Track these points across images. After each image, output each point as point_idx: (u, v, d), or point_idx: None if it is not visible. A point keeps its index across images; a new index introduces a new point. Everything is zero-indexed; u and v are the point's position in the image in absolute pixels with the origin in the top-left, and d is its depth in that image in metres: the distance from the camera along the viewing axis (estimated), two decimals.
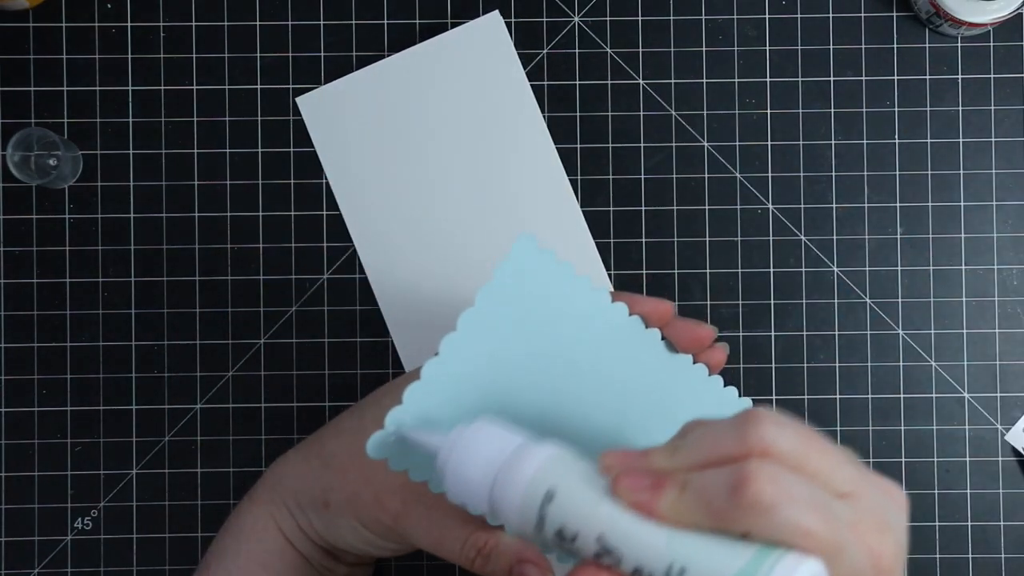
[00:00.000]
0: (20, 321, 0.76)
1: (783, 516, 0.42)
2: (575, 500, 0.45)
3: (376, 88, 0.76)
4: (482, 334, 0.54)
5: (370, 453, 0.52)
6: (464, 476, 0.48)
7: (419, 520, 0.59)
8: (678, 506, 0.44)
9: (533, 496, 0.46)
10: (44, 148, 0.75)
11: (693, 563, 0.43)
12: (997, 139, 0.77)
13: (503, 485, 0.47)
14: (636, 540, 0.44)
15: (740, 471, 0.43)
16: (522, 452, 0.47)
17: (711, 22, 0.77)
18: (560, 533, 0.45)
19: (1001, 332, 0.76)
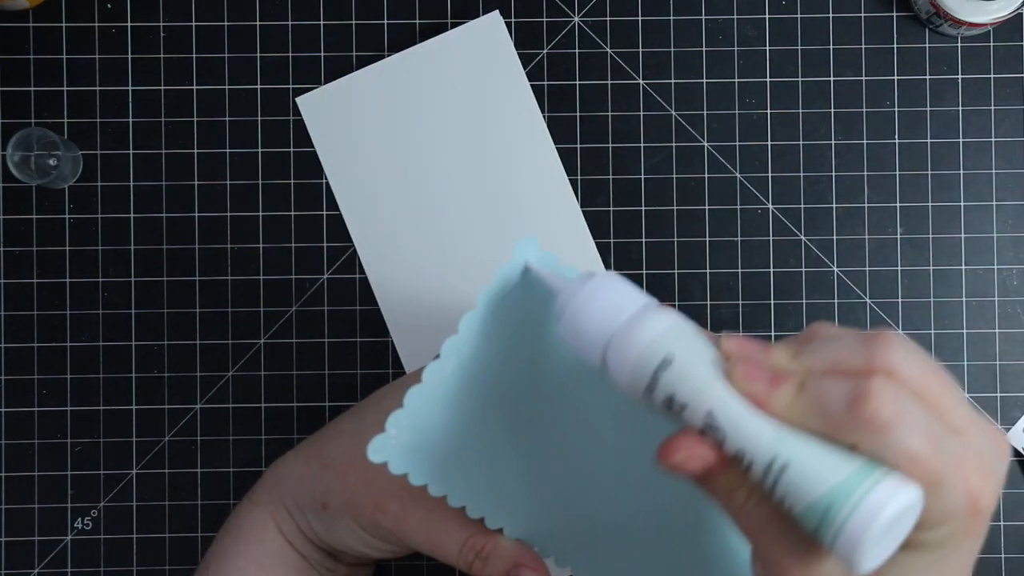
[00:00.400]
0: (20, 321, 0.76)
1: (895, 437, 0.43)
2: (691, 372, 0.45)
3: (376, 88, 0.76)
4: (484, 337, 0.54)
5: (370, 457, 0.52)
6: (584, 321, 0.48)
7: (418, 523, 0.59)
8: (792, 405, 0.44)
9: (650, 358, 0.46)
10: (44, 148, 0.75)
11: (796, 462, 0.44)
12: (997, 139, 0.77)
13: (622, 339, 0.47)
14: (744, 426, 0.44)
15: (863, 385, 0.43)
16: (646, 312, 0.47)
17: (711, 22, 0.77)
18: (670, 400, 0.46)
19: (1001, 332, 0.76)
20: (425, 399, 0.54)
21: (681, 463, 0.46)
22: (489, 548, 0.58)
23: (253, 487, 0.66)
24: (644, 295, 0.49)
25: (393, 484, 0.60)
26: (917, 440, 0.43)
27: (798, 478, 0.43)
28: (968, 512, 0.44)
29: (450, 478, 0.56)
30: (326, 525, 0.63)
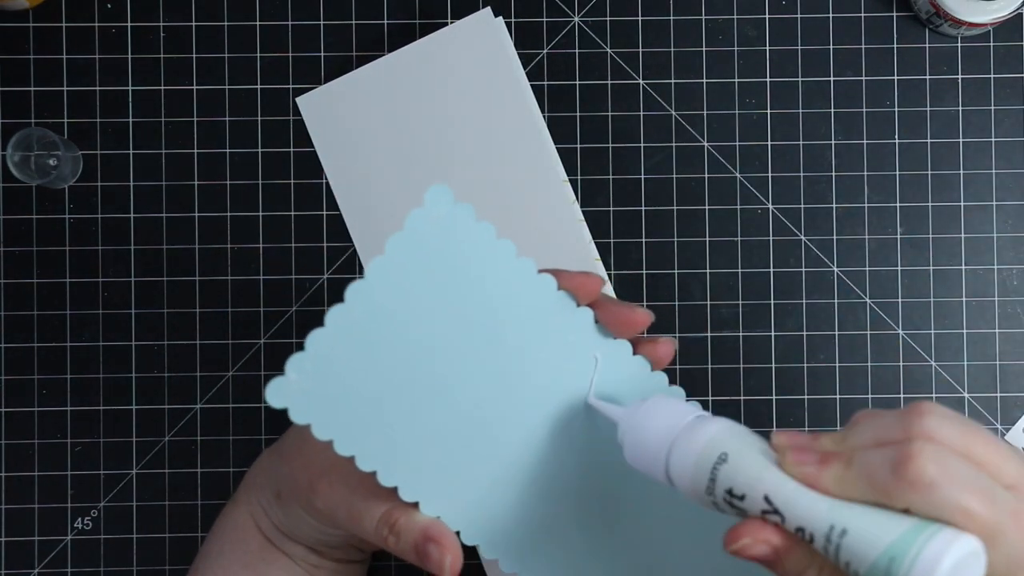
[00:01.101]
0: (20, 321, 0.76)
1: (943, 494, 0.45)
2: (746, 463, 0.49)
3: (375, 87, 0.76)
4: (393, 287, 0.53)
5: (269, 400, 0.51)
6: (643, 443, 0.52)
7: (341, 500, 0.58)
8: (842, 479, 0.47)
9: (707, 457, 0.50)
10: (44, 148, 0.75)
11: (854, 525, 0.46)
12: (997, 139, 0.77)
13: (682, 446, 0.51)
14: (800, 502, 0.48)
15: (904, 449, 0.46)
16: (700, 420, 0.52)
17: (711, 22, 0.77)
18: (730, 492, 0.49)
19: (1001, 332, 0.76)
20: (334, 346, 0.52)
21: (747, 547, 0.49)
22: (401, 522, 0.56)
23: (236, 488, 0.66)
24: (695, 407, 0.53)
25: (326, 465, 0.59)
26: (966, 494, 0.45)
27: (858, 541, 0.46)
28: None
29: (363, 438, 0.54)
30: (284, 515, 0.62)
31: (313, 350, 0.52)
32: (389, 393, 0.54)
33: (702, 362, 0.76)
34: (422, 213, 0.54)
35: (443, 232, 0.54)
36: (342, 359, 0.53)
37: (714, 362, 0.76)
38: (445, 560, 0.55)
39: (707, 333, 0.76)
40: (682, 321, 0.76)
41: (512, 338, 0.56)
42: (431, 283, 0.54)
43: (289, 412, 0.52)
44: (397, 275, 0.53)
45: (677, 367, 0.76)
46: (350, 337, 0.53)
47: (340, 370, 0.53)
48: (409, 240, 0.53)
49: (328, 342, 0.52)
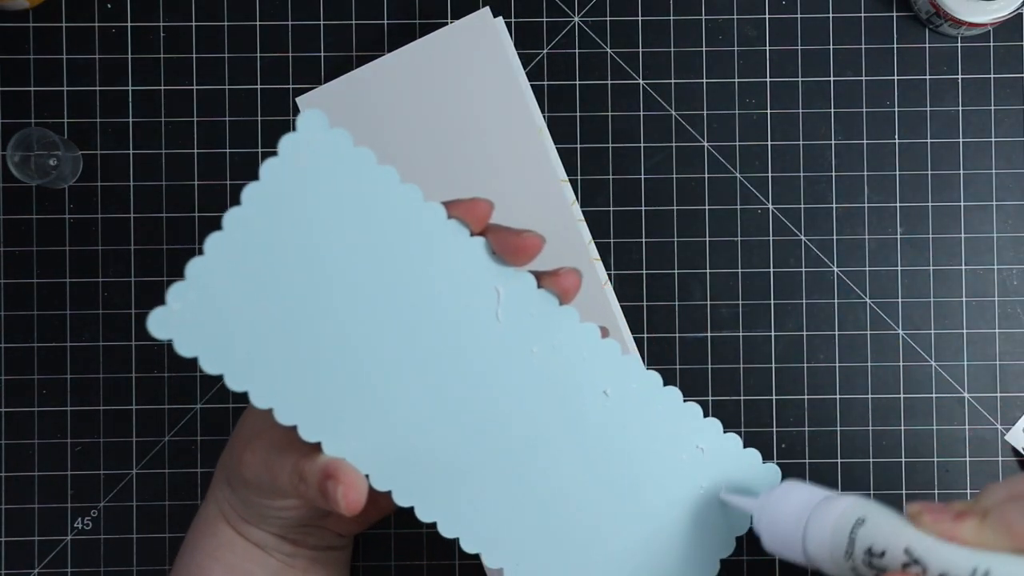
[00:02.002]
0: (20, 321, 0.76)
1: None
2: (884, 522, 0.52)
3: (375, 87, 0.76)
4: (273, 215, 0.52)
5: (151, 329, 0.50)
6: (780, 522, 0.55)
7: (262, 461, 0.57)
8: (979, 532, 0.49)
9: (845, 523, 0.53)
10: (44, 148, 0.75)
11: (996, 567, 0.48)
12: (997, 139, 0.77)
13: (819, 518, 0.54)
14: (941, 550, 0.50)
15: None
16: (831, 497, 0.54)
17: (711, 22, 0.77)
18: (869, 551, 0.51)
19: (1001, 332, 0.76)
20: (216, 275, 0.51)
21: None
22: (306, 467, 0.54)
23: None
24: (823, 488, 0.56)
25: (251, 433, 0.58)
26: None
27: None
28: None
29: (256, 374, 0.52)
30: (238, 501, 0.61)
31: (194, 278, 0.51)
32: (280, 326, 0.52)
33: (702, 362, 0.76)
34: (295, 137, 0.52)
35: (321, 158, 0.52)
36: (226, 289, 0.51)
37: (714, 362, 0.76)
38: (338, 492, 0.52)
39: (707, 333, 0.76)
40: (682, 321, 0.76)
41: (404, 268, 0.54)
42: (313, 212, 0.52)
43: (174, 344, 0.51)
44: (276, 203, 0.52)
45: (677, 367, 0.76)
46: (232, 266, 0.51)
47: (225, 300, 0.51)
48: (284, 166, 0.52)
49: (210, 270, 0.51)
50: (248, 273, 0.52)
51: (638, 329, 0.76)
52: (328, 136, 0.53)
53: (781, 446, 0.76)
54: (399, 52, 0.75)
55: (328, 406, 0.54)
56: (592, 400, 0.58)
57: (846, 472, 0.76)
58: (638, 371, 0.59)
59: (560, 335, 0.57)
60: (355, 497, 0.53)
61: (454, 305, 0.55)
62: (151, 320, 0.50)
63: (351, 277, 0.54)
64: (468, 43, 0.75)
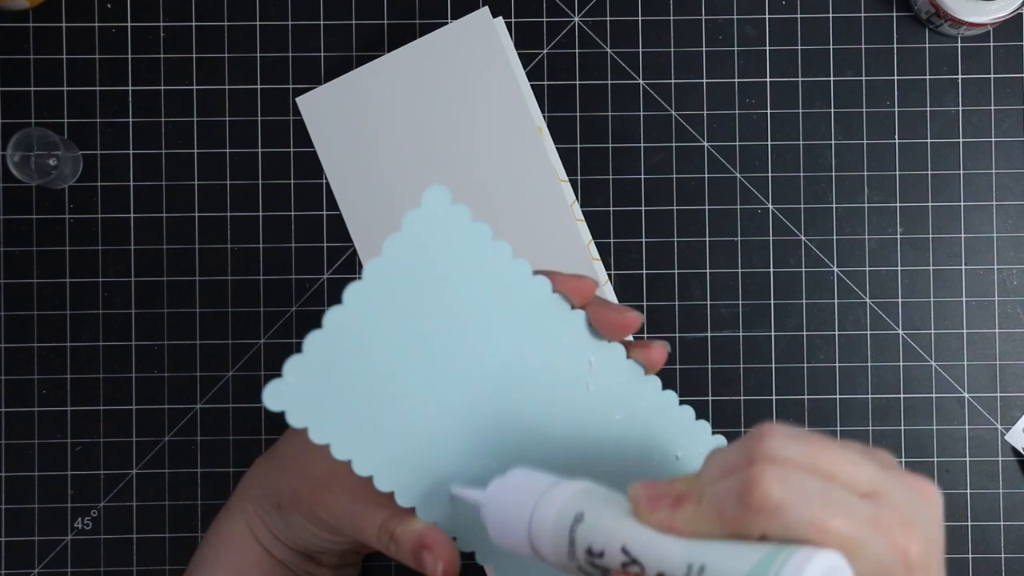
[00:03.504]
0: (20, 321, 0.76)
1: (794, 514, 0.43)
2: (601, 519, 0.48)
3: (375, 87, 0.76)
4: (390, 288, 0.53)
5: (266, 403, 0.51)
6: (504, 520, 0.51)
7: (344, 509, 0.59)
8: (695, 518, 0.46)
9: (563, 521, 0.49)
10: (44, 148, 0.75)
11: (710, 562, 0.45)
12: (997, 139, 0.77)
13: (538, 517, 0.50)
14: (656, 547, 0.46)
15: (746, 475, 0.44)
16: (553, 488, 0.50)
17: (711, 22, 0.77)
18: (589, 551, 0.48)
19: (1001, 332, 0.76)
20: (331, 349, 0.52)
21: None
22: (399, 531, 0.56)
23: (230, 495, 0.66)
24: (550, 475, 0.51)
25: (327, 474, 0.59)
26: (817, 510, 0.43)
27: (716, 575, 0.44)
28: (902, 568, 0.44)
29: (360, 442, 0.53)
30: (284, 524, 0.62)
31: (311, 352, 0.52)
32: (386, 396, 0.54)
33: (702, 362, 0.76)
34: (419, 214, 0.54)
35: (440, 233, 0.54)
36: (339, 362, 0.53)
37: (714, 362, 0.76)
38: (437, 567, 0.55)
39: (707, 333, 0.76)
40: (682, 321, 0.76)
41: (507, 340, 0.56)
42: (427, 284, 0.54)
43: (287, 415, 0.52)
44: (394, 276, 0.53)
45: (677, 367, 0.76)
46: (347, 339, 0.53)
47: (337, 373, 0.53)
48: (406, 241, 0.53)
49: (326, 344, 0.52)
50: (359, 345, 0.53)
51: (638, 329, 0.76)
52: (449, 212, 0.54)
53: None
54: (399, 52, 0.75)
55: (424, 474, 0.55)
56: (664, 464, 0.60)
57: None
58: (707, 436, 0.60)
59: (643, 403, 0.59)
60: (452, 570, 0.55)
61: (549, 376, 0.57)
62: (267, 392, 0.51)
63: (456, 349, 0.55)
64: (468, 43, 0.75)
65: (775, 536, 0.44)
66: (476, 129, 0.75)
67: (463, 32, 0.75)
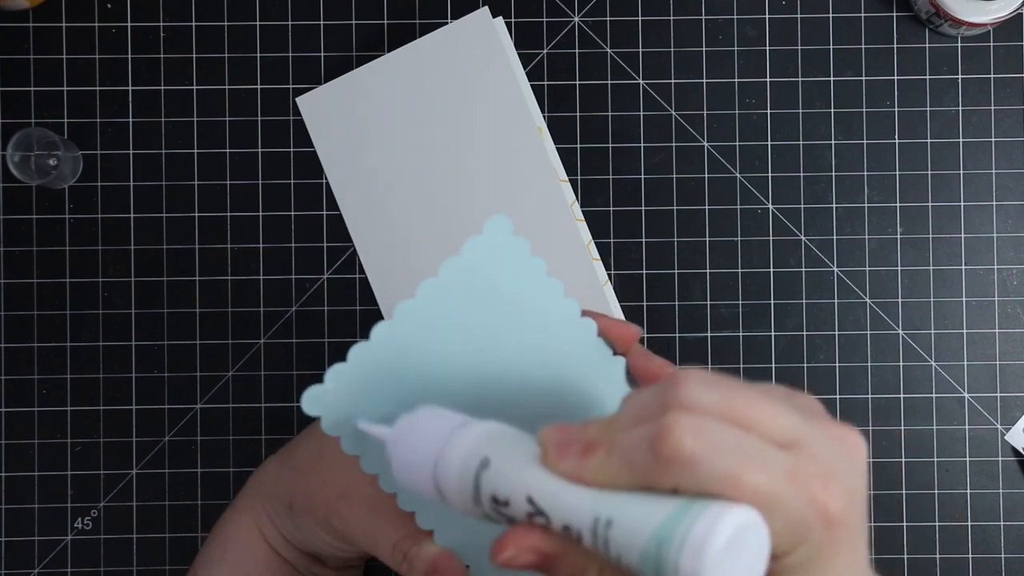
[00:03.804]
0: (20, 321, 0.76)
1: (707, 467, 0.41)
2: (508, 465, 0.45)
3: (375, 87, 0.76)
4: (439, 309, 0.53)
5: (304, 408, 0.51)
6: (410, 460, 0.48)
7: (359, 522, 0.59)
8: (604, 468, 0.43)
9: (469, 466, 0.46)
10: (44, 148, 0.75)
11: (618, 515, 0.42)
12: (997, 139, 0.77)
13: (444, 459, 0.47)
14: (563, 498, 0.44)
15: (658, 425, 0.42)
16: (461, 428, 0.48)
17: (711, 22, 0.77)
18: (494, 499, 0.45)
19: (1001, 332, 0.76)
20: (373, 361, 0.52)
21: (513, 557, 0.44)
22: (413, 552, 0.56)
23: (238, 494, 0.66)
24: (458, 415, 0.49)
25: (344, 484, 0.59)
26: (731, 463, 0.41)
27: (624, 530, 0.42)
28: (820, 523, 0.42)
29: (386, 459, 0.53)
30: (295, 526, 0.62)
31: (354, 363, 0.52)
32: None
33: (702, 362, 0.76)
34: (480, 241, 0.54)
35: (496, 263, 0.54)
36: (379, 375, 0.53)
37: (714, 362, 0.76)
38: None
39: (707, 333, 0.76)
40: (682, 321, 0.76)
41: (545, 377, 0.56)
42: (476, 311, 0.54)
43: (322, 422, 0.52)
44: (445, 298, 0.53)
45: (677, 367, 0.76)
46: (390, 354, 0.53)
47: (376, 386, 0.53)
48: (462, 266, 0.53)
49: (370, 357, 0.52)
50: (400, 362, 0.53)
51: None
52: (510, 243, 0.54)
53: None
54: (399, 52, 0.75)
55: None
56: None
57: None
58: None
59: None
60: None
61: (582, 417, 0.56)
62: (306, 397, 0.51)
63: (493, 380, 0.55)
64: (468, 43, 0.75)
65: (687, 490, 0.41)
66: (476, 129, 0.75)
67: (463, 32, 0.75)
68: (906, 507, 0.76)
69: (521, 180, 0.75)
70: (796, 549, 0.42)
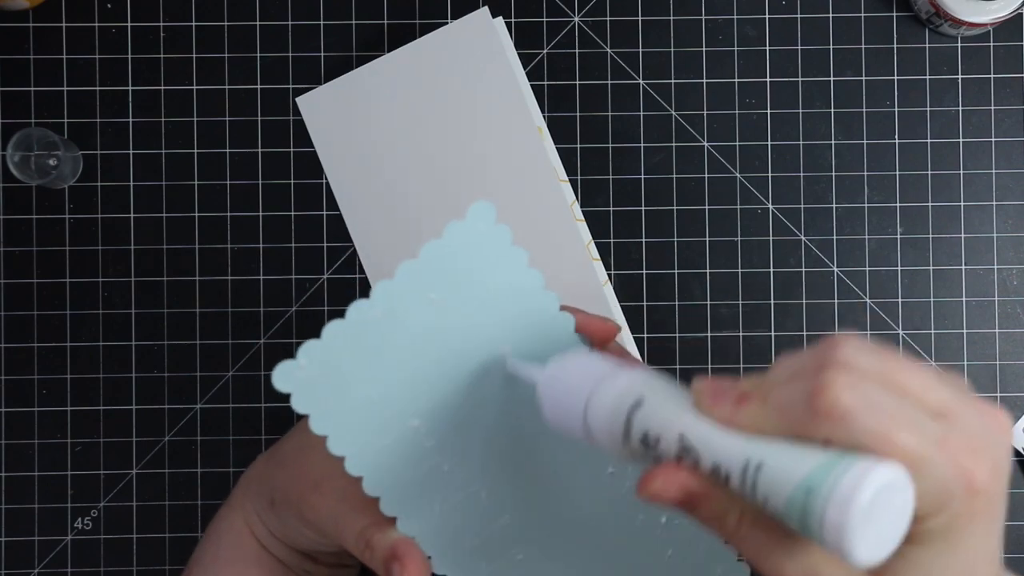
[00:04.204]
0: (20, 321, 0.76)
1: (861, 423, 0.42)
2: (661, 406, 0.47)
3: (375, 87, 0.76)
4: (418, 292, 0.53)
5: (275, 383, 0.51)
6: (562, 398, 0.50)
7: (328, 512, 0.58)
8: (758, 416, 0.45)
9: (622, 404, 0.48)
10: (44, 148, 0.75)
11: (769, 460, 0.44)
12: (997, 139, 0.77)
13: (599, 395, 0.49)
14: (715, 439, 0.45)
15: (817, 379, 0.43)
16: (616, 370, 0.50)
17: (711, 22, 0.77)
18: (645, 438, 0.47)
19: (1001, 332, 0.76)
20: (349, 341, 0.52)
21: (660, 490, 0.46)
22: (375, 539, 0.55)
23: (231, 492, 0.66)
24: (612, 360, 0.51)
25: (320, 474, 0.59)
26: (885, 422, 0.42)
27: (774, 474, 0.43)
28: (965, 492, 0.43)
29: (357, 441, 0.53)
30: (279, 522, 0.62)
31: (329, 341, 0.52)
32: (389, 399, 0.54)
33: (702, 362, 0.76)
34: (462, 226, 0.53)
35: (477, 249, 0.54)
36: (353, 355, 0.52)
37: (714, 362, 0.76)
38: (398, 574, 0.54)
39: (707, 333, 0.76)
40: (682, 321, 0.76)
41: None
42: (454, 296, 0.54)
43: (292, 398, 0.51)
44: (423, 281, 0.53)
45: (677, 367, 0.76)
46: (366, 335, 0.52)
47: (349, 366, 0.52)
48: (443, 250, 0.53)
49: (345, 336, 0.52)
50: (376, 344, 0.53)
51: (638, 329, 0.76)
52: (492, 230, 0.54)
53: None
54: (399, 52, 0.76)
55: (412, 486, 0.55)
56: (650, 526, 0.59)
57: None
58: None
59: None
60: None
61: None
62: (277, 372, 0.51)
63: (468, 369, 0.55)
64: (468, 43, 0.75)
65: (839, 443, 0.43)
66: (476, 129, 0.75)
67: (463, 32, 0.75)
68: None
69: (521, 180, 0.75)
70: (937, 514, 0.44)
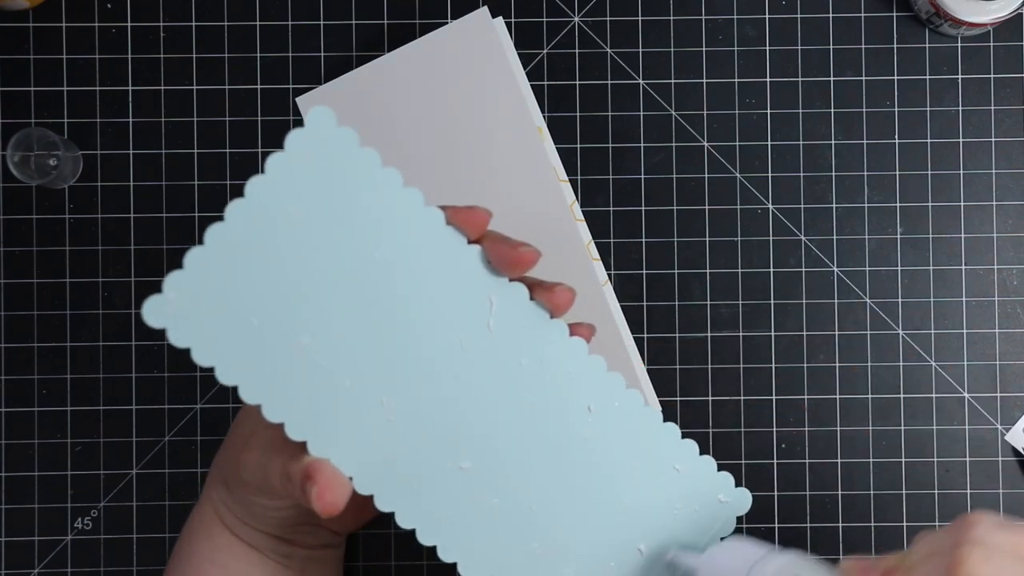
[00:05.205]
0: (20, 321, 0.76)
1: None
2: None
3: (375, 87, 0.76)
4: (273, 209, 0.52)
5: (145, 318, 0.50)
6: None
7: (256, 463, 0.57)
8: None
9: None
10: (44, 148, 0.75)
11: None
12: (997, 139, 0.77)
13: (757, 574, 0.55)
14: None
15: (955, 554, 0.49)
16: (771, 553, 0.55)
17: (711, 22, 0.77)
18: None
19: (1001, 332, 0.76)
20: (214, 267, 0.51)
21: None
22: (292, 467, 0.54)
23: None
24: (766, 545, 0.57)
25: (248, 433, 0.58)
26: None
27: None
28: None
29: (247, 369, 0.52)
30: (235, 503, 0.61)
31: (192, 269, 0.51)
32: (273, 322, 0.52)
33: (702, 362, 0.76)
34: (303, 134, 0.52)
35: (326, 156, 0.52)
36: (222, 281, 0.51)
37: (714, 362, 0.76)
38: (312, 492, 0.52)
39: (707, 333, 0.76)
40: (682, 321, 0.76)
41: (399, 273, 0.54)
42: (313, 209, 0.52)
43: (167, 333, 0.51)
44: (277, 197, 0.52)
45: (677, 367, 0.76)
46: (230, 258, 0.51)
47: (221, 292, 0.51)
48: (290, 161, 0.52)
49: (208, 262, 0.51)
50: (245, 267, 0.52)
51: (638, 329, 0.76)
52: (335, 134, 0.53)
53: (781, 446, 0.76)
54: (399, 52, 0.75)
55: (316, 406, 0.54)
56: (576, 415, 0.58)
57: (846, 472, 0.76)
58: (621, 389, 0.59)
59: (549, 349, 0.57)
60: (331, 499, 0.52)
61: (446, 311, 0.55)
62: (146, 308, 0.50)
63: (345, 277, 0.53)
64: (468, 43, 0.75)
65: None
66: (476, 129, 0.75)
67: (463, 32, 0.75)
68: (906, 507, 0.76)
69: (521, 180, 0.75)
70: None
